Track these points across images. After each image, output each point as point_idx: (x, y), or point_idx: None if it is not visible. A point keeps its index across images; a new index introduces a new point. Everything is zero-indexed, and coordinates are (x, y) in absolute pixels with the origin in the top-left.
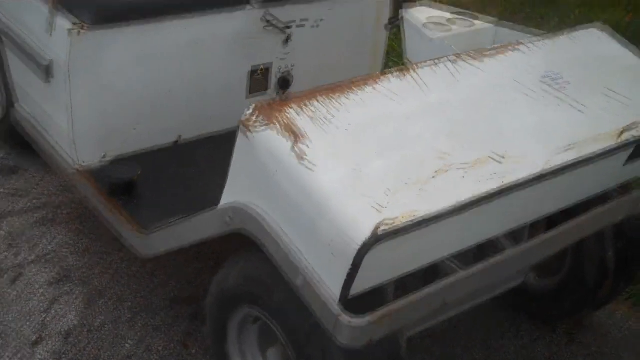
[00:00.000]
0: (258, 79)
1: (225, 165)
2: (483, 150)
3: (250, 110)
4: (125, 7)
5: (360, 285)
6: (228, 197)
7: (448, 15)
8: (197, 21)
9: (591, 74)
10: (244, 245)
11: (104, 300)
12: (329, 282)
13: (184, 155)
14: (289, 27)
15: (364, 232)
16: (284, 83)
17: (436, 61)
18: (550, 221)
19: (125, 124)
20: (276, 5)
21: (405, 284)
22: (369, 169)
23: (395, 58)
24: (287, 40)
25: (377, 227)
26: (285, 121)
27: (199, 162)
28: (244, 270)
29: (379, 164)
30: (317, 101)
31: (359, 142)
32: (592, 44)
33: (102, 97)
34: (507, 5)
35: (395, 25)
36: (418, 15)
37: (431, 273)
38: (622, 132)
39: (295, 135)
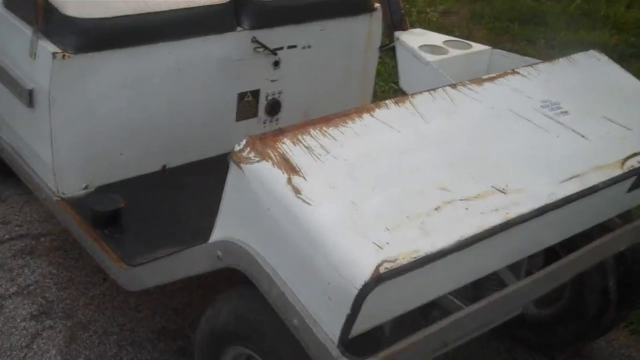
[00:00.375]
0: (246, 104)
1: (214, 193)
2: (484, 183)
3: (242, 144)
4: (111, 32)
5: (360, 326)
6: (219, 232)
7: (442, 39)
8: (183, 45)
9: (590, 101)
10: (235, 278)
11: (88, 334)
12: (327, 324)
13: (170, 183)
14: (279, 49)
15: (364, 274)
16: (273, 108)
17: (433, 90)
18: (549, 250)
19: (109, 152)
20: (265, 28)
21: (402, 318)
22: (368, 203)
23: (381, 82)
24: (276, 63)
25: (377, 268)
26: (279, 154)
27: (186, 190)
28: (237, 308)
29: (378, 199)
30: (311, 134)
31: (357, 175)
32: (591, 68)
33: (85, 124)
34: (493, 28)
35: (388, 49)
36: (413, 39)
37: (427, 305)
38: (624, 161)
39: (290, 169)
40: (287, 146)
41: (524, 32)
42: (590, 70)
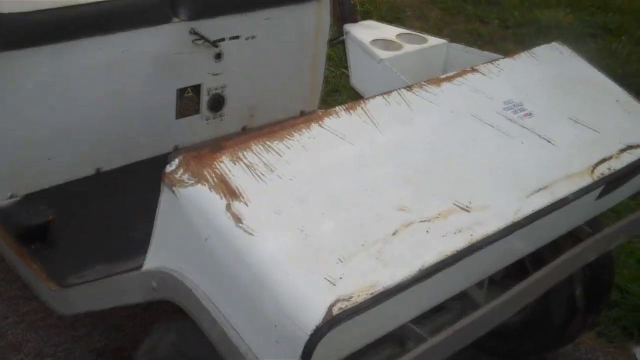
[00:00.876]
0: (187, 100)
1: (152, 198)
2: (446, 200)
3: (175, 164)
4: (32, 28)
5: None
6: (154, 260)
7: (395, 32)
8: (114, 39)
9: (555, 100)
10: (174, 308)
11: (19, 356)
12: None
13: (105, 188)
14: (221, 40)
15: (315, 317)
16: (217, 103)
17: (387, 94)
18: None
19: (36, 156)
20: (204, 18)
21: None
22: (318, 230)
23: (332, 67)
24: (218, 56)
25: (330, 309)
26: (217, 176)
27: (122, 196)
28: (176, 344)
29: (329, 224)
30: (253, 150)
31: (305, 197)
32: (554, 63)
33: (7, 127)
34: (446, 7)
35: (337, 43)
36: (364, 33)
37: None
38: (594, 168)
39: (229, 192)
40: (225, 165)
41: (477, 12)
42: (554, 65)
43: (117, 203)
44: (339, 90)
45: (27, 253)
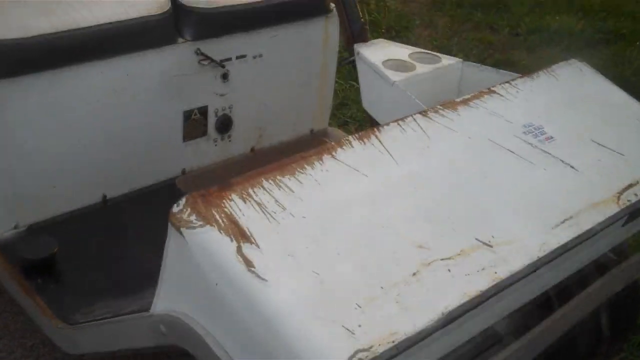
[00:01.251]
0: (194, 123)
1: (161, 226)
2: (467, 235)
3: (182, 204)
4: (32, 54)
5: None
6: (162, 303)
7: (408, 52)
8: (117, 63)
9: (576, 122)
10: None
11: None
12: None
13: (112, 216)
14: (227, 60)
15: None
16: (224, 125)
17: (402, 120)
18: None
19: (39, 186)
20: (210, 38)
21: None
22: (334, 273)
23: (340, 80)
24: (224, 76)
25: None
26: (226, 216)
27: (130, 225)
28: None
29: (345, 265)
30: (264, 187)
31: (319, 237)
32: (573, 82)
33: (9, 157)
34: (455, 15)
35: (348, 64)
36: (375, 54)
37: None
38: (620, 195)
39: (240, 234)
40: (235, 204)
41: (487, 19)
42: (573, 85)
43: (124, 233)
44: (347, 104)
45: (32, 288)
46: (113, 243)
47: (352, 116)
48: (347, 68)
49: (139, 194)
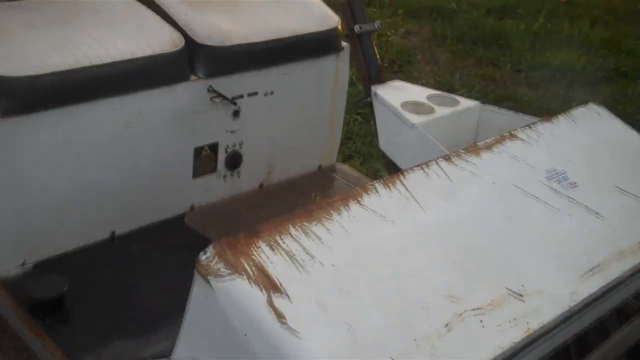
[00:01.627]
0: (204, 159)
1: (170, 263)
2: (497, 285)
3: (209, 252)
4: (45, 91)
5: None
6: (184, 350)
7: (425, 93)
8: (130, 100)
9: (598, 167)
10: None
11: None
12: None
13: (121, 253)
14: (239, 97)
15: None
16: (234, 161)
17: (425, 165)
18: None
19: (48, 223)
20: (222, 75)
21: None
22: (366, 326)
23: (345, 114)
24: (236, 113)
25: None
26: (255, 266)
27: (139, 261)
28: None
29: (377, 317)
30: (291, 234)
31: (349, 287)
32: (592, 126)
33: (18, 195)
34: (456, 50)
35: (364, 104)
36: (393, 95)
37: None
38: None
39: (270, 284)
40: (263, 253)
41: (488, 55)
42: (592, 129)
43: (134, 270)
44: (352, 138)
45: (40, 328)
46: (122, 280)
47: (356, 150)
48: (349, 98)
49: (148, 229)
